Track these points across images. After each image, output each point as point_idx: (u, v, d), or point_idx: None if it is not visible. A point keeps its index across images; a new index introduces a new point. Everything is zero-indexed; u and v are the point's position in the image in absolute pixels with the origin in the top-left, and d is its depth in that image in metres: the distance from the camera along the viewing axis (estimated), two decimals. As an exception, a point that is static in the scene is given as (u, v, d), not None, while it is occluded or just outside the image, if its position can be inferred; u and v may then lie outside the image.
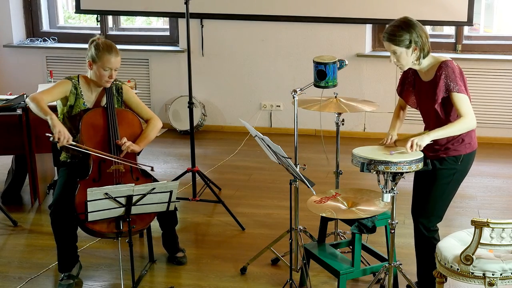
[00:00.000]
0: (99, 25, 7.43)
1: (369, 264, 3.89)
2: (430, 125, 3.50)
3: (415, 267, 3.77)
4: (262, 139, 3.53)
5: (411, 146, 3.27)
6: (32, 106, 3.86)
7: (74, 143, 3.79)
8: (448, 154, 3.46)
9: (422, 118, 3.62)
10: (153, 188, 3.53)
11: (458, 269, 3.13)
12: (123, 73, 7.01)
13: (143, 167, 4.00)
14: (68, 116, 4.01)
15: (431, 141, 3.35)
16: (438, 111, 3.41)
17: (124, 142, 3.92)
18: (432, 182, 3.49)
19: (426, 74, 3.47)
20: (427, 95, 3.46)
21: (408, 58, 3.37)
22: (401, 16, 3.46)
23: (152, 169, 4.01)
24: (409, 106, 3.72)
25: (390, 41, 3.36)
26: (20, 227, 4.81)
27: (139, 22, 7.98)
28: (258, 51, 7.03)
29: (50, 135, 3.72)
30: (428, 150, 3.45)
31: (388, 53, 3.47)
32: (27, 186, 5.21)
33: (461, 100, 3.33)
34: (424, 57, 3.40)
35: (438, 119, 3.44)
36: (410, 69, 3.55)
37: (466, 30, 6.77)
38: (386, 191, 3.29)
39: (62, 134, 3.71)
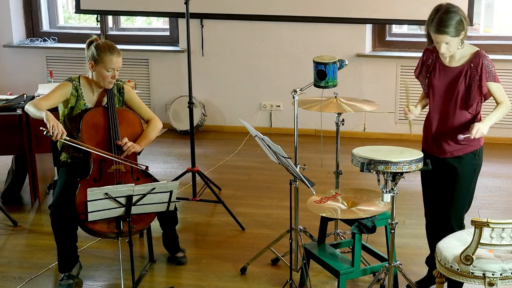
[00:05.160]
0: (99, 25, 7.42)
1: (369, 264, 3.89)
2: (442, 112, 3.52)
3: (415, 267, 3.77)
4: (262, 139, 3.53)
5: (477, 131, 3.35)
6: (30, 111, 3.85)
7: (68, 138, 3.78)
8: (465, 151, 3.50)
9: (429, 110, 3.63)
10: (153, 188, 3.53)
11: (458, 269, 3.13)
12: (123, 73, 7.00)
13: (138, 167, 3.98)
14: (69, 118, 4.01)
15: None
16: (464, 99, 3.45)
17: (126, 143, 3.92)
18: (455, 183, 3.55)
19: (456, 60, 3.48)
20: (452, 80, 3.47)
21: (458, 42, 3.40)
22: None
23: (146, 169, 4.00)
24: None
25: (447, 33, 3.31)
26: (20, 227, 4.81)
27: (139, 22, 7.98)
28: (258, 51, 7.03)
29: (44, 129, 3.70)
30: (441, 152, 3.53)
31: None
32: (27, 186, 5.21)
33: (499, 88, 3.46)
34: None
35: (457, 106, 3.48)
36: (432, 52, 3.55)
37: (466, 30, 6.77)
38: (386, 191, 3.29)
39: (55, 128, 3.67)
